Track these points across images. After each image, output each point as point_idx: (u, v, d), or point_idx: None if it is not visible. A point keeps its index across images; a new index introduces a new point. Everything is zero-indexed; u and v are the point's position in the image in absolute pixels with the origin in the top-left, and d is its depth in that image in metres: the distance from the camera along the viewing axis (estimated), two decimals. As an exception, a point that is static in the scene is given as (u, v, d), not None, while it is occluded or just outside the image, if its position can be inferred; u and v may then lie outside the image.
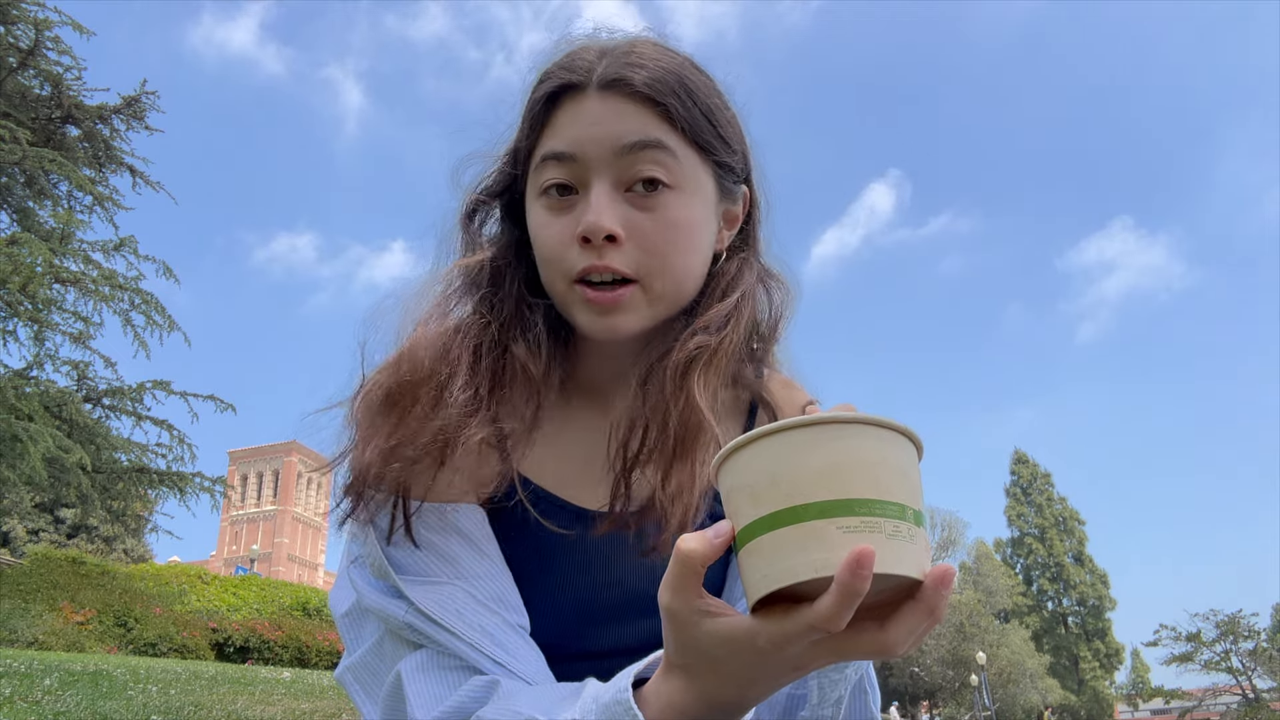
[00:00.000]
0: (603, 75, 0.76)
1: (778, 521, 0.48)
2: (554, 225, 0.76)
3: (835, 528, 0.47)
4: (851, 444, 0.48)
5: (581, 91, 0.77)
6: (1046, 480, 60.13)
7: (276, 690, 8.35)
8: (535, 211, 0.79)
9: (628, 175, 0.75)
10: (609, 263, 0.74)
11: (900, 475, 0.49)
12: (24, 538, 34.43)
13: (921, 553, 0.49)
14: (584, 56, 0.79)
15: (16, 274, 9.33)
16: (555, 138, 0.77)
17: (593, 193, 0.74)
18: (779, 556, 0.48)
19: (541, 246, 0.78)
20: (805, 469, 0.48)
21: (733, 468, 0.52)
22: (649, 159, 0.75)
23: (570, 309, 0.78)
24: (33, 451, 9.13)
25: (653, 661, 0.61)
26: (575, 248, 0.75)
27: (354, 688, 0.82)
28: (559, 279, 0.77)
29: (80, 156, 11.87)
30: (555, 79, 0.78)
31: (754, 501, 0.50)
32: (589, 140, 0.75)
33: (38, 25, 11.10)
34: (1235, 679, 33.79)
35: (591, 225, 0.73)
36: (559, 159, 0.76)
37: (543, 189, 0.77)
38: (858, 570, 0.44)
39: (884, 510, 0.47)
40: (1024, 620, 55.38)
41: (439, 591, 0.74)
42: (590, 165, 0.75)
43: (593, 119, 0.75)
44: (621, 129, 0.75)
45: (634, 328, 0.77)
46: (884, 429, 0.49)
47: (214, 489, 12.28)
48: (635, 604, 0.86)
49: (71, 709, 5.60)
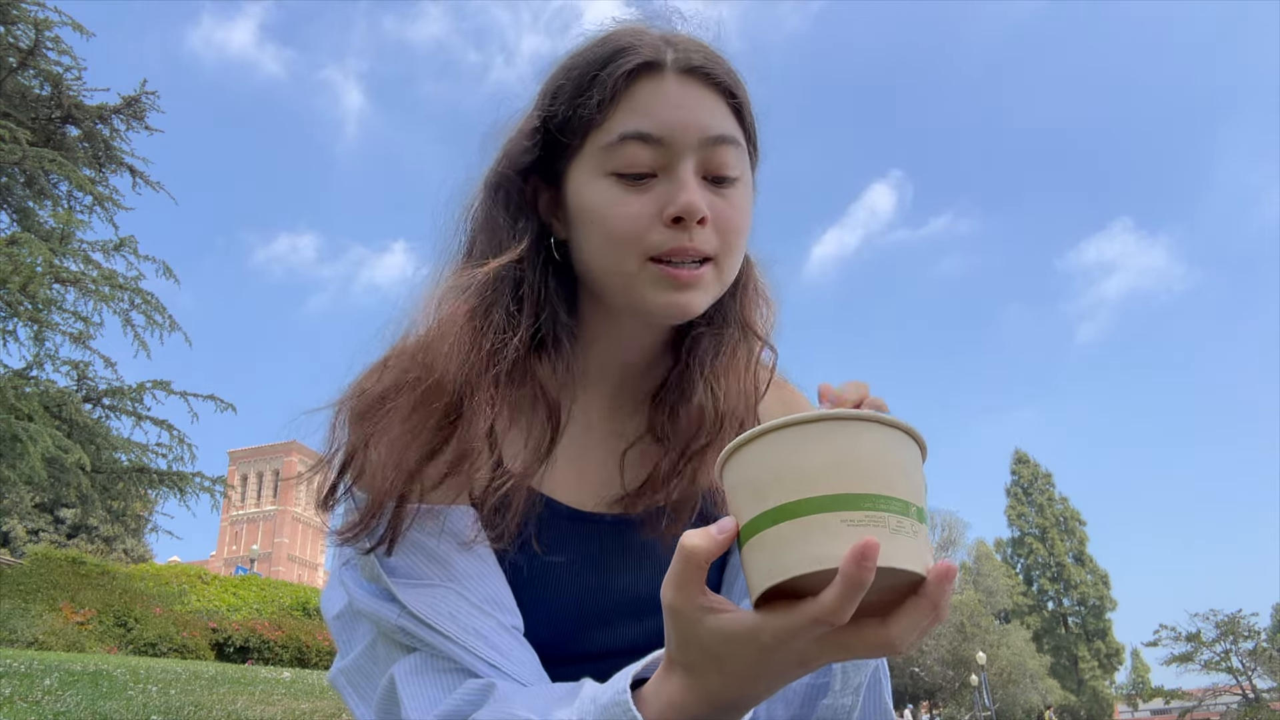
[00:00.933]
0: (679, 61, 0.77)
1: (781, 515, 0.48)
2: (632, 203, 0.75)
3: (839, 520, 0.47)
4: (856, 440, 0.48)
5: (660, 72, 0.76)
6: (1047, 480, 60.11)
7: (276, 690, 8.35)
8: (602, 188, 0.76)
9: (708, 164, 0.76)
10: (697, 244, 0.75)
11: (904, 473, 0.49)
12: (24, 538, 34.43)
13: (924, 549, 0.49)
14: (650, 38, 0.78)
15: (16, 274, 9.33)
16: (638, 117, 0.75)
17: (682, 175, 0.74)
18: (782, 550, 0.48)
19: (614, 223, 0.75)
20: (809, 464, 0.48)
21: (737, 464, 0.52)
22: (728, 152, 0.77)
23: (638, 286, 0.76)
24: (32, 451, 9.12)
25: (652, 661, 0.60)
26: (658, 227, 0.74)
27: (347, 691, 0.81)
28: (632, 257, 0.75)
29: (80, 156, 11.87)
30: (635, 55, 0.76)
31: (758, 497, 0.50)
32: (677, 124, 0.75)
33: (38, 25, 11.10)
34: (1235, 679, 33.77)
35: (691, 205, 0.73)
36: (643, 139, 0.75)
37: (616, 166, 0.75)
38: (862, 561, 0.44)
39: (888, 505, 0.47)
40: (1024, 620, 55.34)
41: (431, 594, 0.73)
42: (677, 150, 0.75)
43: (676, 102, 0.75)
44: (706, 119, 0.76)
45: (701, 308, 0.77)
46: (888, 427, 0.49)
47: (214, 489, 12.28)
48: (633, 606, 0.85)
49: (71, 709, 5.59)
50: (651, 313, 0.77)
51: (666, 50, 0.77)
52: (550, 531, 0.82)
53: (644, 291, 0.76)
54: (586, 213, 0.77)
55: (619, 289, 0.77)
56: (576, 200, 0.78)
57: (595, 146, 0.77)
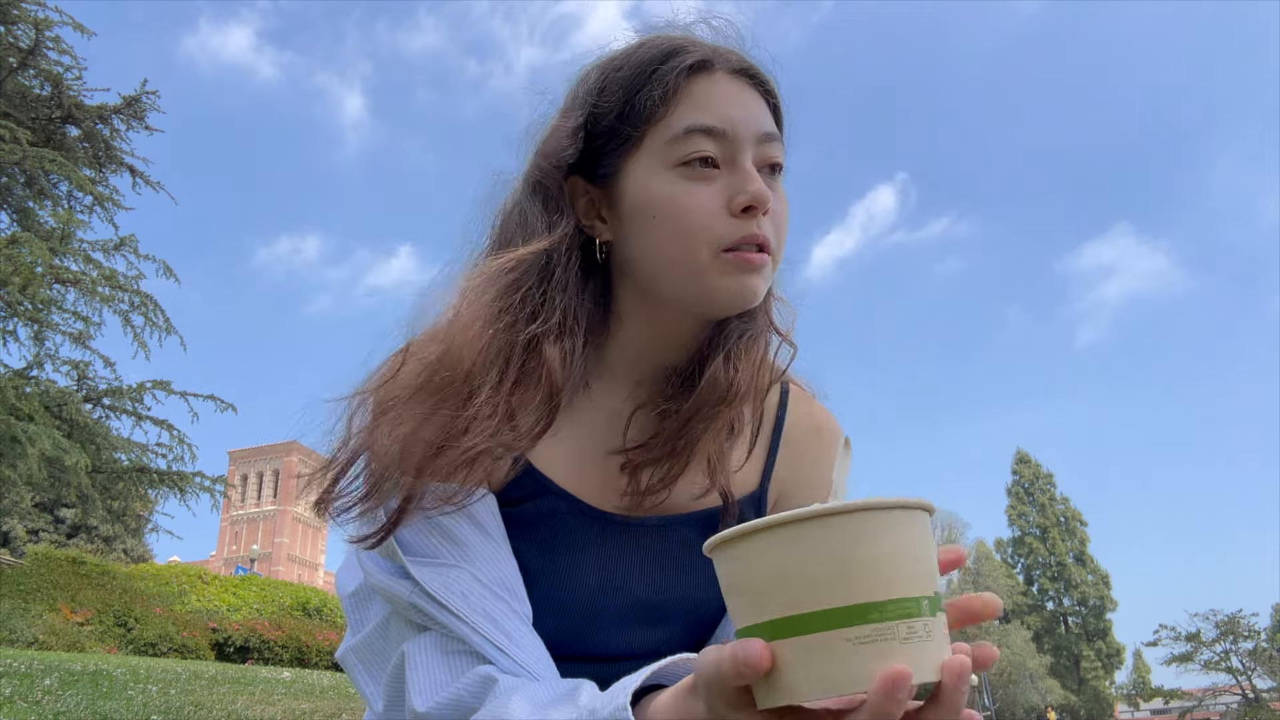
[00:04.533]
0: (729, 61, 0.81)
1: (780, 630, 0.45)
2: (699, 195, 0.76)
3: (843, 640, 0.44)
4: (856, 537, 0.45)
5: (712, 71, 0.80)
6: (1049, 480, 60.06)
7: (276, 690, 8.35)
8: (667, 181, 0.77)
9: (760, 158, 0.79)
10: (764, 232, 0.77)
11: (912, 559, 0.46)
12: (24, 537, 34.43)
13: (939, 647, 0.46)
14: (697, 41, 0.83)
15: (16, 274, 9.33)
16: (701, 112, 0.78)
17: (747, 167, 0.77)
18: (785, 669, 0.45)
19: (686, 215, 0.76)
20: (806, 570, 0.45)
21: (728, 558, 0.48)
22: (776, 148, 0.81)
23: (710, 277, 0.77)
24: (31, 452, 9.12)
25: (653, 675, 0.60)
26: (725, 218, 0.76)
27: (356, 668, 0.82)
28: (704, 248, 0.76)
29: (80, 156, 11.87)
30: (692, 53, 0.80)
31: (753, 604, 0.47)
32: (740, 120, 0.78)
33: (38, 25, 11.09)
34: (1235, 679, 33.78)
35: (761, 194, 0.76)
36: (709, 132, 0.77)
37: (683, 159, 0.77)
38: (893, 693, 0.42)
39: (897, 611, 0.44)
40: (1024, 620, 55.33)
41: (445, 574, 0.74)
42: (739, 144, 0.78)
43: (731, 99, 0.79)
44: (760, 115, 0.80)
45: (761, 294, 0.79)
46: (891, 510, 0.46)
47: (214, 489, 12.28)
48: (640, 611, 0.85)
49: (71, 709, 5.59)
50: (716, 300, 0.78)
51: (715, 52, 0.81)
52: (567, 528, 0.82)
53: (713, 280, 0.77)
54: (653, 206, 0.78)
55: (684, 279, 0.78)
56: (639, 195, 0.79)
57: (658, 141, 0.78)
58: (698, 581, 0.85)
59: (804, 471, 0.92)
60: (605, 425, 0.85)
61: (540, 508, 0.81)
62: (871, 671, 0.43)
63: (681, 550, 0.84)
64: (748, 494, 0.88)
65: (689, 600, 0.86)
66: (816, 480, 0.92)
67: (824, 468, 0.93)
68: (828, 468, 0.93)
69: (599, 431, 0.85)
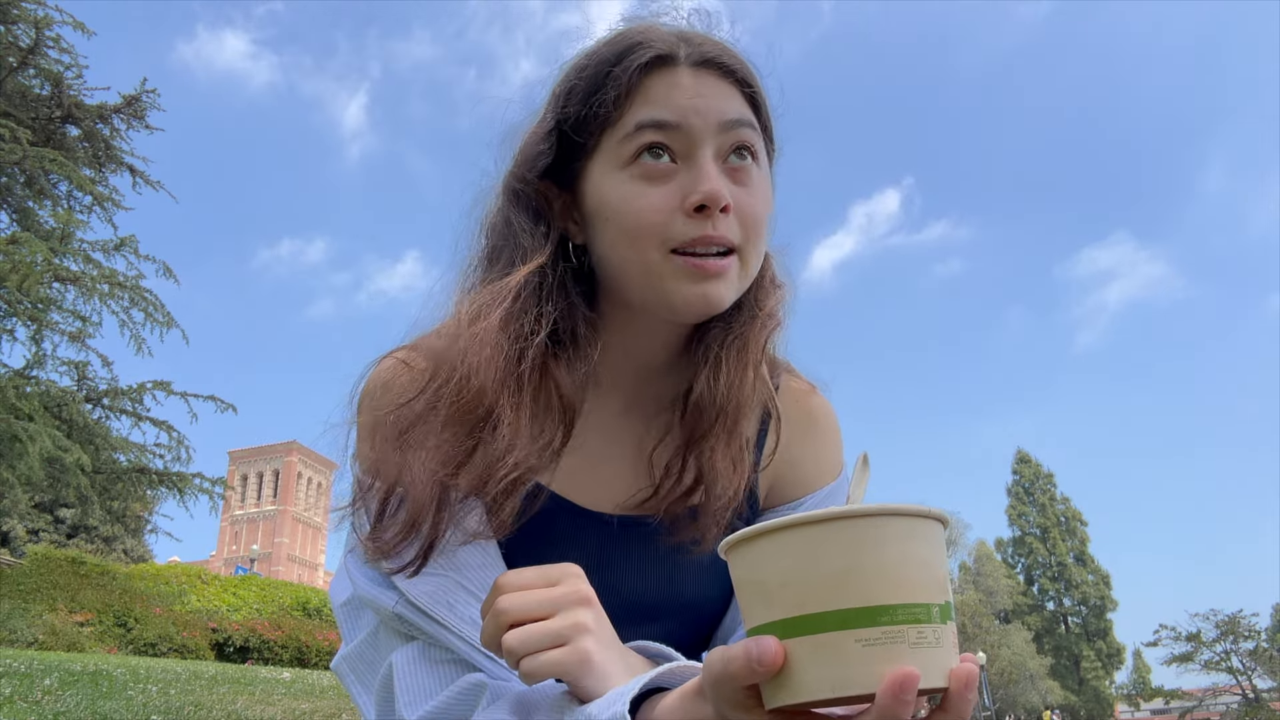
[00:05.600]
0: (695, 53, 0.76)
1: (790, 630, 0.45)
2: (651, 194, 0.73)
3: (853, 640, 0.44)
4: (869, 541, 0.45)
5: (674, 65, 0.76)
6: (1049, 480, 60.05)
7: (276, 690, 8.34)
8: (619, 181, 0.75)
9: (725, 151, 0.75)
10: (721, 232, 0.73)
11: (923, 567, 0.46)
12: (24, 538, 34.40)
13: (947, 654, 0.46)
14: (660, 34, 0.78)
15: (15, 272, 9.32)
16: (653, 107, 0.74)
17: (702, 163, 0.73)
18: (794, 669, 0.45)
19: (634, 215, 0.74)
20: (819, 572, 0.45)
21: (743, 559, 0.48)
22: (745, 137, 0.76)
23: (661, 280, 0.74)
24: (31, 451, 9.12)
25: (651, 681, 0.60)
26: (680, 217, 0.73)
27: (349, 678, 0.81)
28: (654, 249, 0.73)
29: (80, 156, 11.86)
30: (649, 49, 0.76)
31: (764, 603, 0.47)
32: (692, 111, 0.74)
33: (38, 24, 11.08)
34: (1235, 679, 33.76)
35: (714, 193, 0.72)
36: (660, 127, 0.74)
37: (634, 157, 0.74)
38: (900, 695, 0.42)
39: (906, 616, 0.44)
40: (1025, 620, 55.32)
41: (431, 583, 0.73)
42: (695, 137, 0.74)
43: (692, 92, 0.75)
44: (722, 105, 0.75)
45: (727, 300, 0.75)
46: (905, 517, 0.46)
47: (213, 490, 12.26)
48: (633, 612, 0.84)
49: (71, 709, 5.59)
50: (675, 307, 0.74)
51: (680, 44, 0.77)
52: (559, 531, 0.81)
53: (668, 284, 0.74)
54: (606, 208, 0.76)
55: (641, 284, 0.75)
56: (595, 197, 0.77)
57: (612, 141, 0.76)
58: (691, 580, 0.85)
59: (798, 459, 0.90)
60: (596, 429, 0.84)
61: (538, 513, 0.80)
62: (880, 673, 0.43)
63: (674, 550, 0.83)
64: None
65: (683, 600, 0.86)
66: (812, 469, 0.90)
67: (821, 455, 0.91)
68: (825, 456, 0.91)
69: (597, 438, 0.84)
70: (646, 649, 0.70)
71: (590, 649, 0.62)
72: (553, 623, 0.62)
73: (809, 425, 0.91)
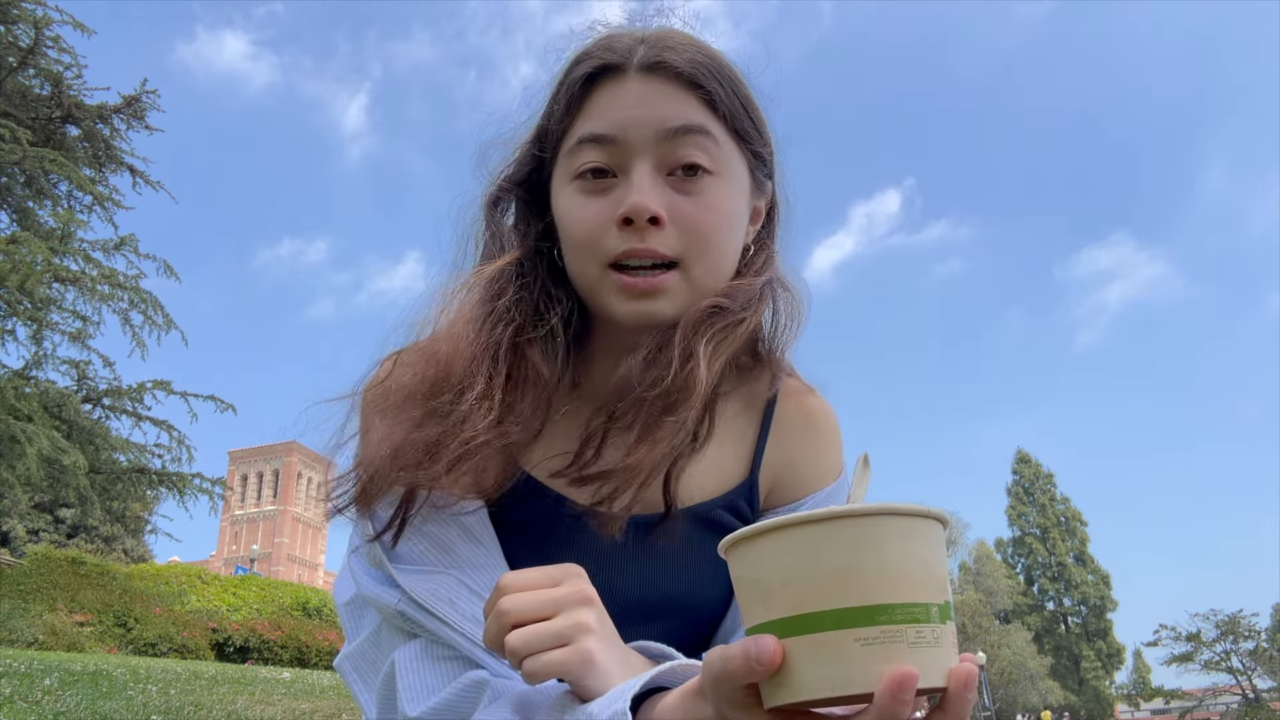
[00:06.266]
0: (644, 58, 0.75)
1: (789, 629, 0.45)
2: (589, 208, 0.74)
3: (852, 639, 0.44)
4: (868, 541, 0.45)
5: (621, 74, 0.76)
6: (1049, 480, 60.05)
7: (276, 690, 8.34)
8: (566, 195, 0.76)
9: (670, 159, 0.74)
10: (651, 245, 0.72)
11: (923, 566, 0.46)
12: (24, 538, 34.42)
13: (947, 654, 0.45)
14: (622, 40, 0.78)
15: (15, 272, 9.32)
16: (594, 119, 0.75)
17: (634, 174, 0.73)
18: (792, 668, 0.45)
19: (574, 230, 0.75)
20: (818, 571, 0.45)
21: (742, 558, 0.49)
22: (692, 144, 0.74)
23: (602, 295, 0.75)
24: (29, 452, 9.12)
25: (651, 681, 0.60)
26: (613, 231, 0.73)
27: (351, 676, 0.81)
28: (591, 264, 0.74)
29: (80, 156, 11.87)
30: (593, 60, 0.76)
31: (764, 602, 0.47)
32: (631, 122, 0.73)
33: (37, 24, 11.09)
34: (1235, 679, 33.77)
35: (636, 206, 0.71)
36: (598, 141, 0.74)
37: (577, 172, 0.75)
38: (899, 694, 0.42)
39: (905, 615, 0.44)
40: (1025, 620, 55.33)
41: (432, 580, 0.73)
42: (632, 148, 0.73)
43: (634, 101, 0.74)
44: (665, 112, 0.74)
45: (670, 313, 0.74)
46: (905, 517, 0.46)
47: (213, 490, 12.27)
48: (633, 610, 0.84)
49: (71, 709, 5.59)
50: (618, 320, 0.75)
51: (636, 49, 0.76)
52: (554, 529, 0.82)
53: (607, 299, 0.75)
54: (559, 221, 0.78)
55: (589, 296, 0.77)
56: (555, 210, 0.79)
57: (563, 155, 0.77)
58: (690, 578, 0.85)
59: (798, 460, 0.90)
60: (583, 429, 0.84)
61: (531, 510, 0.81)
62: (879, 673, 0.43)
63: (672, 547, 0.83)
64: (738, 483, 0.87)
65: (682, 597, 0.86)
66: (811, 471, 0.90)
67: (821, 456, 0.90)
68: (824, 458, 0.91)
69: (579, 436, 0.83)
70: (648, 649, 0.70)
71: (592, 648, 0.62)
72: (555, 623, 0.62)
73: (808, 426, 0.90)
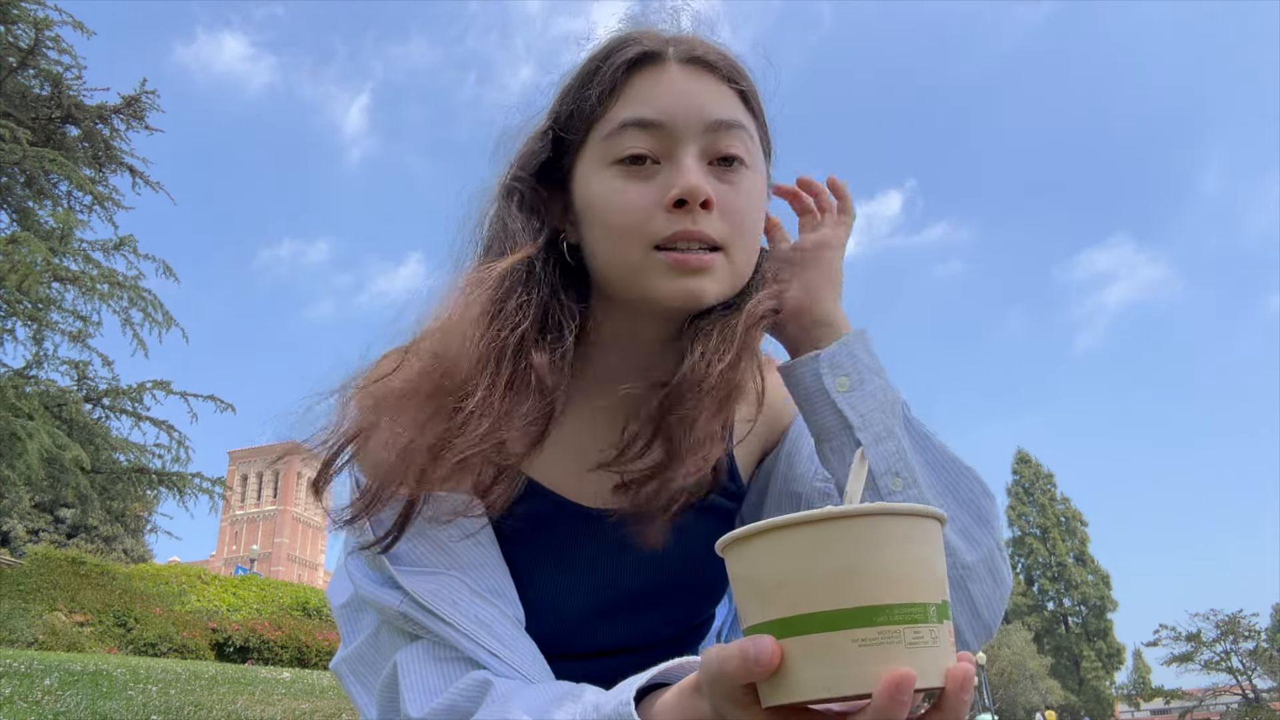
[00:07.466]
0: (684, 51, 0.77)
1: (786, 629, 0.45)
2: (632, 191, 0.74)
3: (849, 640, 0.44)
4: (866, 541, 0.45)
5: (663, 62, 0.77)
6: (1049, 480, 60.01)
7: (276, 690, 8.34)
8: (604, 179, 0.75)
9: (711, 149, 0.75)
10: (702, 228, 0.73)
11: (921, 565, 0.46)
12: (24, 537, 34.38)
13: (944, 654, 0.45)
14: (652, 34, 0.79)
15: (15, 272, 9.32)
16: (638, 105, 0.75)
17: (684, 159, 0.73)
18: (790, 668, 0.45)
19: (617, 213, 0.74)
20: (816, 572, 0.45)
21: (740, 558, 0.49)
22: (734, 136, 0.76)
23: (647, 276, 0.74)
24: (30, 449, 9.11)
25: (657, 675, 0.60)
26: (660, 214, 0.73)
27: (349, 679, 0.81)
28: (637, 245, 0.74)
29: (80, 156, 11.86)
30: (635, 47, 0.76)
31: (761, 602, 0.47)
32: (679, 110, 0.74)
33: (37, 24, 11.08)
34: (1235, 679, 33.76)
35: (693, 188, 0.72)
36: (644, 126, 0.74)
37: (619, 156, 0.75)
38: (896, 695, 0.42)
39: (903, 615, 0.44)
40: (1025, 620, 55.28)
41: (435, 581, 0.73)
42: (679, 135, 0.74)
43: (680, 89, 0.75)
44: (710, 103, 0.75)
45: (714, 297, 0.75)
46: (903, 517, 0.46)
47: (213, 490, 12.26)
48: (632, 605, 0.85)
49: (71, 709, 5.58)
50: (660, 302, 0.74)
51: (669, 43, 0.77)
52: (554, 529, 0.82)
53: (652, 281, 0.74)
54: (591, 206, 0.77)
55: (627, 280, 0.76)
56: (582, 195, 0.78)
57: (597, 139, 0.77)
58: (689, 571, 0.85)
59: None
60: (591, 426, 0.84)
61: (530, 510, 0.80)
62: (876, 673, 0.43)
63: (672, 542, 0.82)
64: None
65: (681, 593, 0.86)
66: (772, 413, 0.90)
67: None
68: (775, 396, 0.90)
69: (585, 433, 0.84)
70: None
71: None
72: None
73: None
